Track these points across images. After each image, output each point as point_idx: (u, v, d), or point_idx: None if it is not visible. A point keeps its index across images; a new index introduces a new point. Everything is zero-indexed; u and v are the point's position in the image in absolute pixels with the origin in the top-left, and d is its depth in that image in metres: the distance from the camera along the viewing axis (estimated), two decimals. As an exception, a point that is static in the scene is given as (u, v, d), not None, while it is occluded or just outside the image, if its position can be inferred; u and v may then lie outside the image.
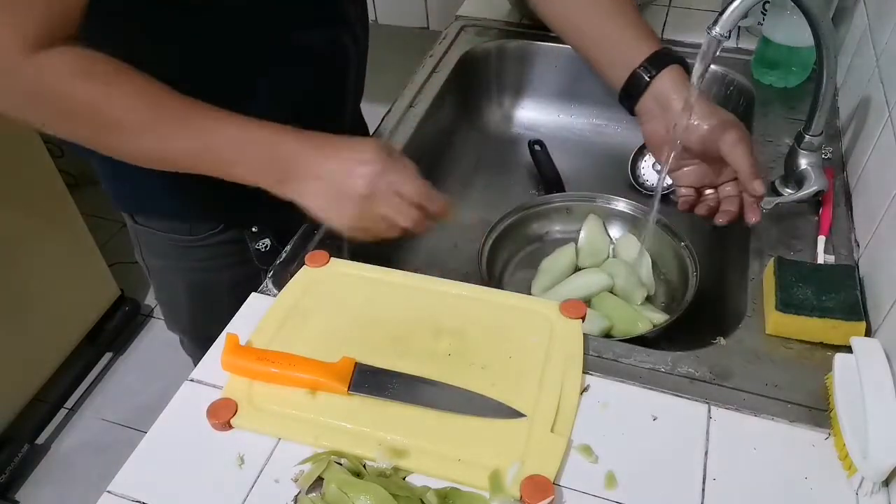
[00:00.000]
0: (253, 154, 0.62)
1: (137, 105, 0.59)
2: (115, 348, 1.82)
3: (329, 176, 0.63)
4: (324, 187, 0.63)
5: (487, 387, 0.60)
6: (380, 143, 0.66)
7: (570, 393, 0.60)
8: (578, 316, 0.66)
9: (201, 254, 0.85)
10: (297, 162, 0.63)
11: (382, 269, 0.72)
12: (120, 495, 0.56)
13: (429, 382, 0.60)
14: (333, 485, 0.53)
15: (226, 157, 0.62)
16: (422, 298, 0.69)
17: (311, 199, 0.64)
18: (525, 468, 0.54)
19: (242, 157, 0.62)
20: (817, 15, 0.66)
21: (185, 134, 0.61)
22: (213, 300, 0.89)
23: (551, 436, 0.56)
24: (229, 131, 0.61)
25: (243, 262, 0.85)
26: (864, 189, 0.77)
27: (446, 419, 0.58)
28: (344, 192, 0.63)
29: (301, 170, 0.63)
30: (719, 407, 0.60)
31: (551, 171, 1.01)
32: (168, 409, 0.62)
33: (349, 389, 0.59)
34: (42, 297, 1.58)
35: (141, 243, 0.89)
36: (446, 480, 0.55)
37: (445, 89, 1.04)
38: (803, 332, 0.64)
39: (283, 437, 0.58)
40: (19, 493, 1.55)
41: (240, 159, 0.62)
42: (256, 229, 0.83)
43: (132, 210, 0.85)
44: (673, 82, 0.72)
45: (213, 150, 0.62)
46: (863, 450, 0.52)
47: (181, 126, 0.60)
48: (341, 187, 0.63)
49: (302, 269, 0.72)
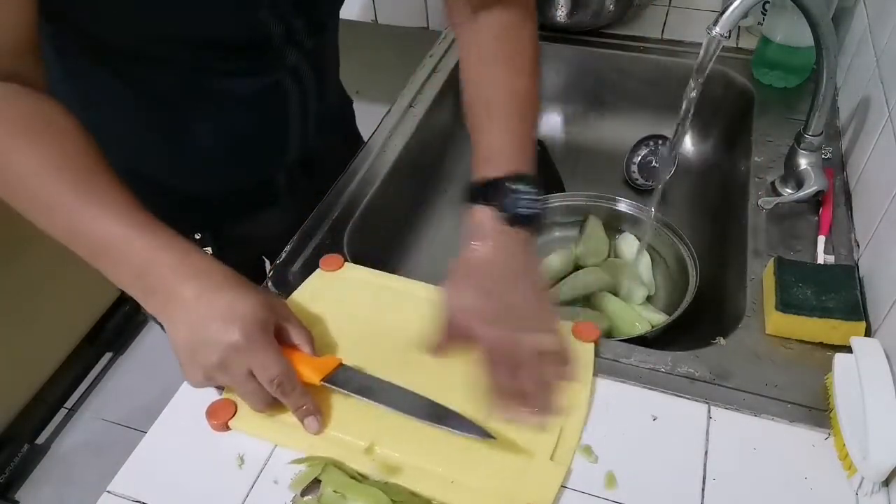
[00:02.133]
0: (127, 259, 0.56)
1: (39, 169, 0.55)
2: (115, 348, 1.82)
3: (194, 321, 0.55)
4: (186, 329, 0.56)
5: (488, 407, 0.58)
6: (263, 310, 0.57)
7: (574, 420, 0.58)
8: (591, 339, 0.64)
9: None
10: (166, 286, 0.56)
11: (395, 277, 0.72)
12: (120, 495, 0.56)
13: (406, 390, 0.58)
14: (330, 488, 0.53)
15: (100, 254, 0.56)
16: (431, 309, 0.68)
17: (172, 330, 0.57)
18: (520, 497, 0.53)
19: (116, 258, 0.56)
20: (817, 15, 0.66)
21: (82, 216, 0.55)
22: None
23: (550, 464, 0.55)
24: (113, 229, 0.55)
25: None
26: (864, 189, 0.77)
27: (444, 438, 0.56)
28: (197, 349, 0.55)
29: (168, 295, 0.56)
30: (719, 407, 0.60)
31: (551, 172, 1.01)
32: (168, 409, 0.62)
33: (322, 381, 0.58)
34: (42, 297, 1.58)
35: None
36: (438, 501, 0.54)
37: (445, 89, 1.04)
38: (803, 332, 0.64)
39: (278, 442, 0.58)
40: (19, 493, 1.55)
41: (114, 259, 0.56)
42: (199, 237, 0.79)
43: None
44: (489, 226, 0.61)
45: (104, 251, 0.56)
46: (863, 450, 0.52)
47: (82, 206, 0.55)
48: (198, 342, 0.55)
49: (315, 273, 0.72)
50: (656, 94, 1.08)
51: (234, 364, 0.55)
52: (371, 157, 0.89)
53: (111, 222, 0.55)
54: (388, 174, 0.88)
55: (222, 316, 0.55)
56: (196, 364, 0.56)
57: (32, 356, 1.60)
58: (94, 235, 0.56)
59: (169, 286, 0.56)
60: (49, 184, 0.55)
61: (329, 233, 0.79)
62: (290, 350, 0.60)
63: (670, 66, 1.06)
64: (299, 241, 0.78)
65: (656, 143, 0.98)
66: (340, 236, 0.79)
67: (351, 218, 0.81)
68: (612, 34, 1.11)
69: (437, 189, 1.01)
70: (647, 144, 0.98)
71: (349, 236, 0.79)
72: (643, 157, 0.98)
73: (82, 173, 0.56)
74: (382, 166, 0.88)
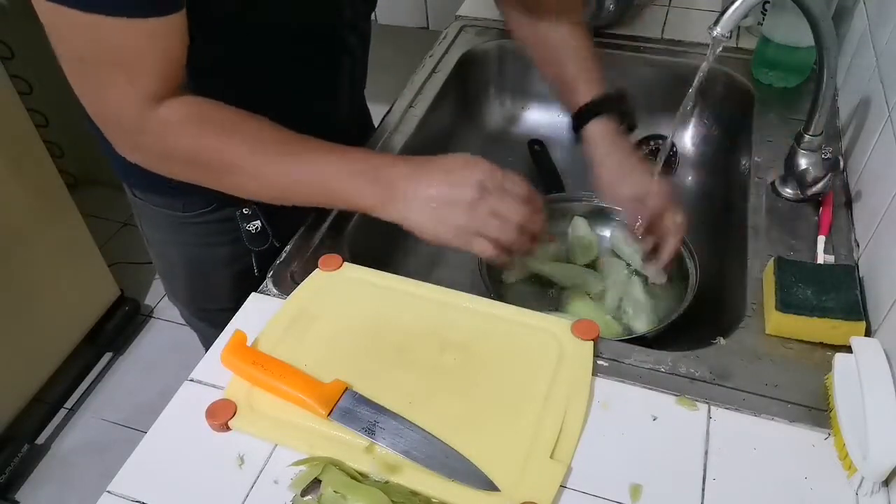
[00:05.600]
0: (357, 183, 0.64)
1: (251, 149, 0.64)
2: (115, 348, 1.82)
3: (436, 190, 0.63)
4: (429, 203, 0.63)
5: (488, 406, 0.59)
6: (479, 157, 0.66)
7: (574, 418, 0.58)
8: (590, 337, 0.64)
9: (195, 229, 0.86)
10: (399, 185, 0.64)
11: (394, 277, 0.72)
12: (120, 495, 0.56)
13: (413, 429, 0.57)
14: (330, 488, 0.53)
15: (334, 188, 0.65)
16: (431, 309, 0.68)
17: (415, 217, 0.64)
18: (519, 494, 0.53)
19: (349, 187, 0.65)
20: (817, 15, 0.66)
21: (295, 171, 0.65)
22: (207, 274, 0.91)
23: (550, 462, 0.55)
24: (332, 166, 0.65)
25: (235, 240, 0.86)
26: (864, 189, 0.77)
27: (444, 437, 0.56)
28: (452, 200, 0.63)
29: (403, 191, 0.64)
30: (719, 407, 0.60)
31: (551, 171, 1.01)
32: (168, 409, 0.62)
33: (329, 415, 0.58)
34: (42, 297, 1.58)
35: (139, 215, 0.91)
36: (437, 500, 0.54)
37: (445, 89, 1.04)
38: (803, 332, 0.64)
39: (278, 442, 0.58)
40: (19, 493, 1.55)
41: (347, 188, 0.65)
42: (248, 211, 0.83)
43: (130, 182, 0.86)
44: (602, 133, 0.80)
45: (321, 183, 0.65)
46: (863, 450, 0.52)
47: (291, 164, 0.65)
48: (449, 197, 0.63)
49: (314, 273, 0.72)
50: (656, 94, 1.08)
51: (490, 195, 0.63)
52: (371, 157, 0.89)
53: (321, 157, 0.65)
54: (388, 174, 0.88)
55: (467, 165, 0.64)
56: (454, 212, 0.63)
57: (32, 356, 1.60)
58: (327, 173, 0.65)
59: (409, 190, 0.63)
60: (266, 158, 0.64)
61: (329, 233, 0.79)
62: (294, 373, 0.60)
63: (670, 66, 1.06)
64: (299, 240, 0.78)
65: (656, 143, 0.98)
66: (340, 236, 0.79)
67: (351, 218, 0.81)
68: (612, 34, 1.11)
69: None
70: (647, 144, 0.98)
71: (349, 236, 0.79)
72: (643, 158, 0.98)
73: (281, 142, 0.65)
74: (382, 166, 0.88)
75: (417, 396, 0.60)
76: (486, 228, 0.63)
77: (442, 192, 0.63)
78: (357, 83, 0.92)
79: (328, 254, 0.74)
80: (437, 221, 0.63)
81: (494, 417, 0.58)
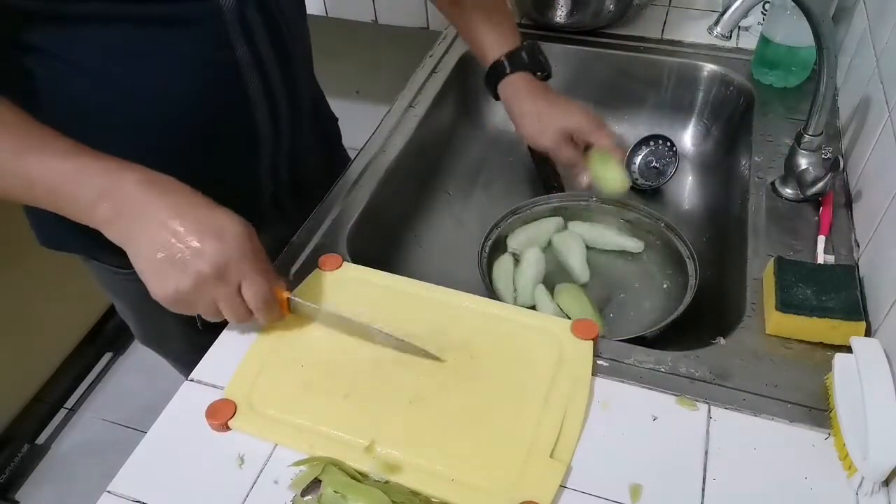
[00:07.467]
0: (86, 186, 0.54)
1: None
2: (115, 348, 1.82)
3: (175, 241, 0.54)
4: (159, 244, 0.54)
5: (488, 404, 0.59)
6: (244, 224, 0.57)
7: (573, 417, 0.58)
8: (590, 337, 0.64)
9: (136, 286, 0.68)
10: (133, 203, 0.54)
11: (394, 277, 0.72)
12: (120, 495, 0.56)
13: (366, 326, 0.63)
14: (330, 488, 0.53)
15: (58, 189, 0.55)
16: (431, 309, 0.68)
17: (138, 251, 0.55)
18: (519, 494, 0.53)
19: (74, 190, 0.54)
20: (817, 15, 0.66)
21: (20, 163, 0.54)
22: (160, 327, 0.89)
23: (550, 461, 0.55)
24: (66, 164, 0.54)
25: None
26: (864, 189, 0.76)
27: (444, 436, 0.57)
28: (182, 261, 0.54)
29: (135, 213, 0.54)
30: (719, 407, 0.60)
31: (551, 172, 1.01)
32: (168, 409, 0.62)
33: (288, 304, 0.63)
34: (42, 297, 1.58)
35: None
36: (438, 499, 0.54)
37: (445, 89, 1.04)
38: (803, 332, 0.64)
39: (278, 442, 0.58)
40: (19, 493, 1.55)
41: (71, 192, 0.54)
42: None
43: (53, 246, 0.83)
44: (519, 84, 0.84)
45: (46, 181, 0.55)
46: (863, 450, 0.52)
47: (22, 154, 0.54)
48: (180, 258, 0.54)
49: (314, 272, 0.72)
50: (656, 94, 1.08)
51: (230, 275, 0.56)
52: (371, 157, 0.89)
53: (63, 159, 0.54)
54: (388, 174, 0.88)
55: (217, 225, 0.55)
56: (179, 275, 0.54)
57: (32, 356, 1.60)
58: (49, 175, 0.54)
59: (139, 203, 0.54)
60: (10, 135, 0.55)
61: (329, 232, 0.79)
62: None
63: (670, 66, 1.06)
64: (299, 240, 0.78)
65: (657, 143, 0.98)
66: (340, 236, 0.79)
67: (350, 218, 0.81)
68: (612, 34, 1.11)
69: (436, 189, 1.01)
70: (647, 144, 0.98)
71: (349, 236, 0.79)
72: (643, 158, 0.98)
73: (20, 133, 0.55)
74: (382, 166, 0.88)
75: (417, 396, 0.60)
76: (206, 310, 0.58)
77: (178, 248, 0.54)
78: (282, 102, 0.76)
79: (328, 254, 0.74)
80: (158, 272, 0.55)
81: (494, 417, 0.58)
